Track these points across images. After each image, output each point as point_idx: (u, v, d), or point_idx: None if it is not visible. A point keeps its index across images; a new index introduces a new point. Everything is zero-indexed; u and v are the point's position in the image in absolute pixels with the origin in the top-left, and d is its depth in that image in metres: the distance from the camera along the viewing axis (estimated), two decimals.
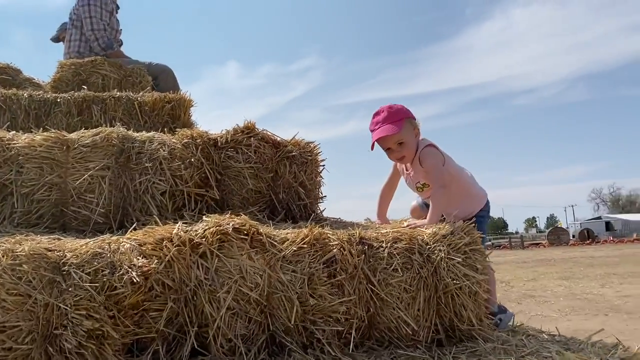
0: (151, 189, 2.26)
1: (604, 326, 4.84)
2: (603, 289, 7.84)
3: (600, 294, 7.32)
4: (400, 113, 2.51)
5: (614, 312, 5.57)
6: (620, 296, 6.95)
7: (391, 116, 2.48)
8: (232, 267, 1.83)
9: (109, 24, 4.46)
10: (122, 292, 1.63)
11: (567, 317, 5.29)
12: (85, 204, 2.21)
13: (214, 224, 1.89)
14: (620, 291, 7.53)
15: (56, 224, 2.20)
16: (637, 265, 12.53)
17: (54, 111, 3.11)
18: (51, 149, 2.23)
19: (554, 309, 5.81)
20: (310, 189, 2.49)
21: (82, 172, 2.22)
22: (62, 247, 1.71)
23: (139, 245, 1.79)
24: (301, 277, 1.86)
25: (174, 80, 4.42)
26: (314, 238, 1.92)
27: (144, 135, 2.40)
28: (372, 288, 1.92)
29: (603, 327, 4.79)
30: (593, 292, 7.46)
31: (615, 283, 8.67)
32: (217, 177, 2.36)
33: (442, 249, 2.00)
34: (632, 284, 8.39)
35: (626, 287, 7.97)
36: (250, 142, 2.41)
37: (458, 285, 1.95)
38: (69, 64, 3.85)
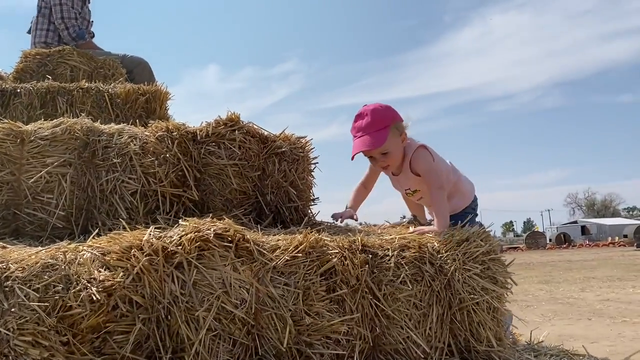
0: (120, 189, 1.96)
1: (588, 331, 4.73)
2: (583, 293, 7.77)
3: (581, 297, 7.24)
4: (385, 119, 2.23)
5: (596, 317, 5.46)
6: (601, 300, 6.86)
7: (375, 124, 2.21)
8: (214, 280, 1.54)
9: (80, 13, 4.13)
10: (79, 312, 1.33)
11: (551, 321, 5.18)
12: (42, 206, 1.90)
13: (192, 229, 1.60)
14: (600, 295, 7.46)
15: (7, 229, 1.88)
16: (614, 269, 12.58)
17: (14, 103, 2.78)
18: (3, 142, 1.92)
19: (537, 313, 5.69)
20: (302, 189, 2.21)
21: (38, 168, 1.91)
22: (5, 257, 1.41)
23: (102, 254, 1.49)
24: (295, 292, 1.59)
25: (150, 73, 4.11)
26: (309, 246, 1.64)
27: (112, 128, 2.09)
28: (377, 304, 1.65)
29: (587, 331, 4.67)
30: (574, 296, 7.38)
31: (595, 287, 8.63)
32: (195, 175, 2.07)
33: (456, 258, 1.74)
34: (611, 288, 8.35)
35: (605, 291, 7.91)
36: (234, 136, 2.12)
37: (475, 300, 1.69)
38: (34, 54, 3.51)
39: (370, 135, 2.19)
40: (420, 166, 2.29)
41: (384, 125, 2.22)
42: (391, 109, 2.30)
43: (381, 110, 2.26)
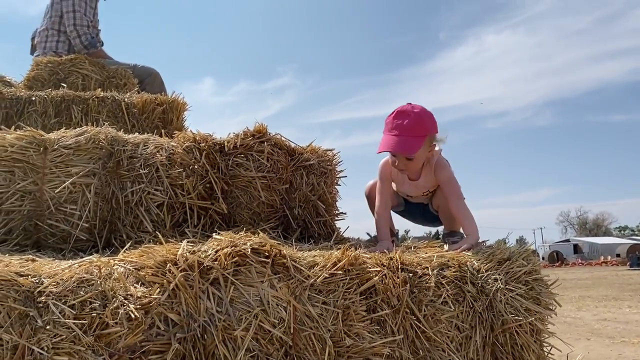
0: (146, 201, 1.89)
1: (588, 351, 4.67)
2: (580, 312, 7.73)
3: (578, 317, 7.19)
4: (425, 128, 2.21)
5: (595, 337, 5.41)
6: (599, 320, 6.82)
7: (415, 129, 2.18)
8: (251, 297, 1.47)
9: (92, 22, 4.08)
10: (117, 330, 1.26)
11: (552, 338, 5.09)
12: (65, 217, 1.82)
13: (228, 243, 1.53)
14: (597, 314, 7.42)
15: (28, 241, 1.81)
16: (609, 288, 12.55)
17: (28, 111, 2.72)
18: (25, 151, 1.85)
19: None
20: (330, 203, 2.15)
21: (62, 178, 1.83)
22: (37, 271, 1.33)
23: (136, 269, 1.42)
24: (334, 311, 1.52)
25: (161, 84, 4.06)
26: (348, 263, 1.58)
27: (137, 137, 2.03)
28: (418, 325, 1.58)
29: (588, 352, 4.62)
30: (571, 316, 7.33)
31: (591, 306, 8.59)
32: (223, 187, 2.00)
33: (498, 278, 1.68)
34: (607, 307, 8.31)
35: (602, 310, 7.88)
36: (262, 148, 2.06)
37: (519, 322, 1.63)
38: (46, 62, 3.45)
39: (407, 139, 2.16)
40: (444, 174, 2.31)
41: (423, 133, 2.19)
42: (433, 118, 2.28)
43: (425, 117, 2.24)
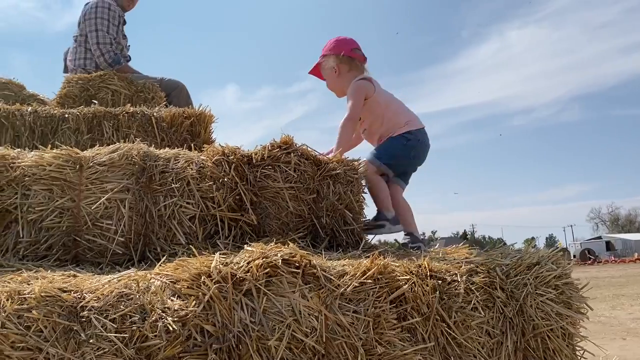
0: (178, 214, 1.95)
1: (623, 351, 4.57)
2: (615, 311, 7.56)
3: (612, 316, 7.03)
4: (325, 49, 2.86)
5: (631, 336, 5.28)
6: (634, 319, 6.66)
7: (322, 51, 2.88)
8: (283, 307, 1.51)
9: (115, 39, 4.19)
10: (156, 343, 1.30)
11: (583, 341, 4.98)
12: (102, 232, 1.89)
13: (259, 254, 1.57)
14: (633, 313, 7.25)
15: (68, 256, 1.88)
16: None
17: (62, 128, 2.81)
18: (62, 169, 1.92)
19: None
20: (357, 211, 2.17)
21: (97, 194, 1.90)
22: (79, 286, 1.39)
23: (172, 282, 1.47)
24: (365, 320, 1.54)
25: (187, 96, 4.14)
26: (378, 271, 1.60)
27: (168, 152, 2.09)
28: (448, 332, 1.60)
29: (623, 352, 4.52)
30: (605, 315, 7.17)
31: (625, 305, 8.39)
32: (252, 199, 2.05)
33: (527, 282, 1.69)
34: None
35: (637, 309, 7.69)
36: (289, 159, 2.10)
37: (550, 327, 1.63)
38: (76, 79, 3.56)
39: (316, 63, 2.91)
40: (349, 94, 2.71)
41: (322, 54, 2.86)
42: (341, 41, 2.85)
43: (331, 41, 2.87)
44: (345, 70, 2.80)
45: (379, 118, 2.73)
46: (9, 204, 1.86)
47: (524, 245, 2.03)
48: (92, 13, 4.05)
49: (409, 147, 2.63)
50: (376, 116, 2.73)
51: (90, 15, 4.06)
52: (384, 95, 2.76)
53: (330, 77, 2.85)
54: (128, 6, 4.38)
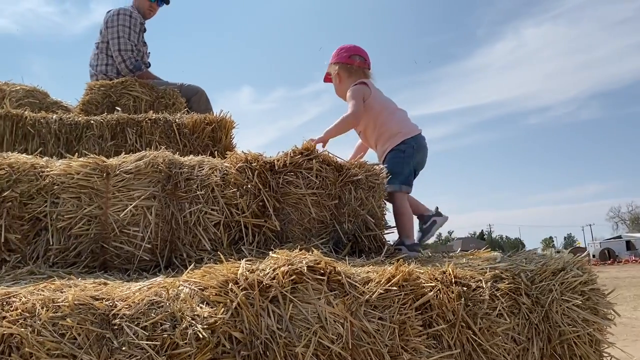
0: (203, 220, 1.97)
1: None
2: (636, 312, 7.44)
3: (634, 317, 6.91)
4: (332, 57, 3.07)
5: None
6: None
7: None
8: (309, 314, 1.52)
9: (136, 46, 4.25)
10: (187, 350, 1.33)
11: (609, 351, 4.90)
12: (129, 239, 1.92)
13: (284, 261, 1.59)
14: None
15: (96, 262, 1.92)
16: None
17: (86, 135, 2.86)
18: (90, 177, 1.96)
19: None
20: (379, 217, 2.18)
21: (124, 202, 1.94)
22: (110, 294, 1.42)
23: (201, 289, 1.49)
24: (390, 326, 1.55)
25: (207, 101, 4.19)
26: (403, 278, 1.61)
27: (192, 160, 2.12)
28: (474, 338, 1.60)
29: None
30: (627, 316, 7.05)
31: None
32: (275, 205, 2.07)
33: (553, 288, 1.68)
34: None
35: None
36: (311, 165, 2.11)
37: (577, 333, 1.63)
38: (98, 86, 3.61)
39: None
40: (349, 97, 2.83)
41: (330, 61, 3.07)
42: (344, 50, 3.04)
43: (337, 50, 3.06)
44: (345, 77, 2.99)
45: (371, 122, 2.84)
46: (39, 212, 1.91)
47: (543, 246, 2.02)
48: (114, 21, 4.11)
49: (407, 157, 2.69)
50: (370, 119, 2.85)
51: (112, 23, 4.13)
52: (379, 100, 2.86)
53: (335, 84, 3.04)
54: (149, 14, 4.44)
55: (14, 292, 1.39)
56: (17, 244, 1.87)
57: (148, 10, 4.41)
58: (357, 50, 3.05)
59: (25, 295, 1.37)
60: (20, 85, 3.65)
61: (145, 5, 4.38)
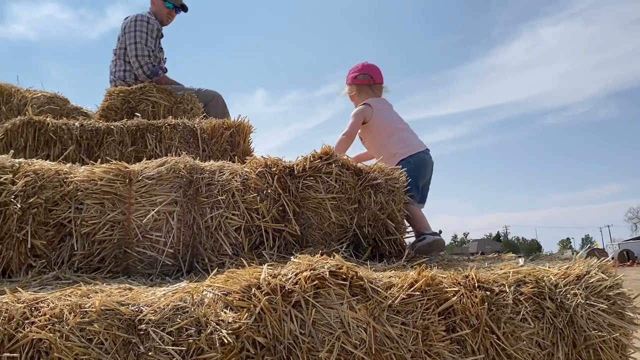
0: (224, 225, 1.99)
1: None
2: None
3: None
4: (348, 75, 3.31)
5: None
6: None
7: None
8: (332, 319, 1.52)
9: (153, 51, 4.29)
10: (212, 355, 1.34)
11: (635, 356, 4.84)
12: (152, 244, 1.94)
13: (306, 266, 1.59)
14: None
15: (119, 267, 1.94)
16: None
17: (107, 141, 2.90)
18: (112, 183, 1.98)
19: None
20: (399, 221, 2.18)
21: (147, 207, 1.96)
22: (136, 299, 1.44)
23: (224, 294, 1.50)
24: (413, 332, 1.55)
25: (224, 106, 4.22)
26: (425, 283, 1.60)
27: (213, 165, 2.14)
28: (498, 343, 1.59)
29: None
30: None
31: None
32: (295, 209, 2.07)
33: (578, 292, 1.66)
34: None
35: None
36: (330, 170, 2.12)
37: (602, 338, 1.61)
38: (117, 92, 3.66)
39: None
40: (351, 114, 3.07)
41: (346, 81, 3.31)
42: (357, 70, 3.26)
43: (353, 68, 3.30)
44: (356, 96, 3.23)
45: (373, 142, 3.13)
46: (64, 218, 1.93)
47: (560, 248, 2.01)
48: (132, 27, 4.16)
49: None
50: (372, 140, 3.13)
51: (129, 29, 4.17)
52: (381, 121, 3.05)
53: (352, 102, 3.27)
54: (167, 21, 4.48)
55: (41, 298, 1.41)
56: (42, 250, 1.90)
57: (166, 17, 4.45)
58: (365, 69, 3.27)
59: (52, 300, 1.40)
60: (42, 92, 3.70)
61: (163, 12, 4.42)
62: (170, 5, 4.43)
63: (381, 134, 3.05)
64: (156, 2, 4.43)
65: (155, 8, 4.43)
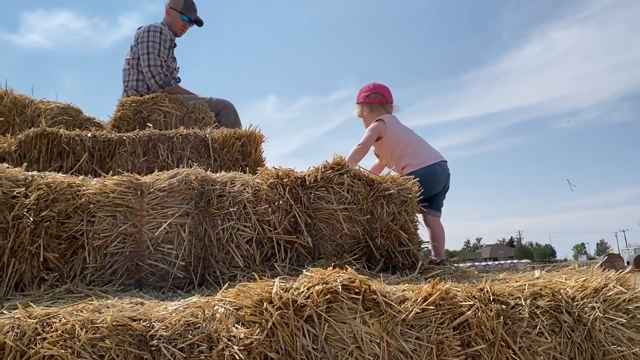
0: (236, 237, 1.98)
1: None
2: None
3: None
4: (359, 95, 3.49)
5: None
6: None
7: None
8: (345, 334, 1.50)
9: (166, 61, 4.31)
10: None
11: None
12: (163, 257, 1.94)
13: (319, 280, 1.57)
14: None
15: (131, 280, 1.93)
16: None
17: (119, 151, 2.90)
18: (124, 195, 1.98)
19: None
20: (412, 232, 2.15)
21: (158, 220, 1.95)
22: (147, 315, 1.43)
23: (236, 309, 1.49)
24: (428, 347, 1.52)
25: (236, 115, 4.22)
26: (440, 297, 1.58)
27: (224, 176, 2.13)
28: (514, 358, 1.55)
29: None
30: None
31: None
32: (307, 220, 2.06)
33: (596, 306, 1.63)
34: None
35: None
36: (342, 180, 2.10)
37: (622, 353, 1.57)
38: (130, 102, 3.67)
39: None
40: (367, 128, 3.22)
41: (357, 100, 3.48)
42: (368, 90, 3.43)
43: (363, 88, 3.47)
44: (368, 114, 3.40)
45: (388, 155, 3.28)
46: (76, 231, 1.93)
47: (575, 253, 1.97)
48: (145, 37, 4.18)
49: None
50: (387, 154, 3.29)
51: (142, 39, 4.20)
52: (395, 136, 3.21)
53: (364, 121, 3.44)
54: (181, 33, 4.51)
55: (53, 313, 1.41)
56: (55, 263, 1.90)
57: (181, 29, 4.47)
58: (376, 88, 3.45)
59: (64, 316, 1.39)
60: (55, 103, 3.72)
61: (178, 25, 4.44)
62: (186, 19, 4.45)
63: (397, 148, 3.18)
64: (171, 13, 4.45)
65: (170, 19, 4.46)
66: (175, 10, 4.45)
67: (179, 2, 4.46)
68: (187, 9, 4.46)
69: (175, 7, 4.45)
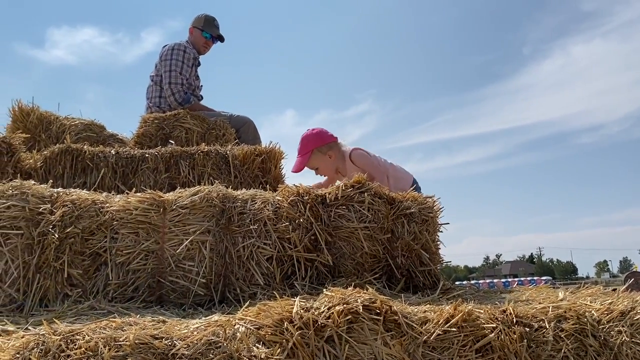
0: (256, 255, 1.98)
1: None
2: None
3: None
4: (307, 146, 3.23)
5: None
6: None
7: (301, 149, 3.24)
8: (366, 355, 1.49)
9: (187, 80, 4.38)
10: None
11: None
12: (184, 274, 1.95)
13: (339, 300, 1.57)
14: None
15: (152, 297, 1.95)
16: None
17: (141, 168, 2.95)
18: (147, 212, 2.01)
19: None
20: (434, 251, 2.14)
21: (180, 237, 1.97)
22: (169, 333, 1.44)
23: (256, 328, 1.49)
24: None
25: (255, 131, 4.26)
26: (462, 319, 1.56)
27: (245, 193, 2.15)
28: None
29: None
30: None
31: None
32: (327, 239, 2.06)
33: (622, 330, 1.59)
34: None
35: None
36: (362, 198, 2.10)
37: None
38: (152, 119, 3.74)
39: (298, 160, 3.22)
40: (359, 161, 3.18)
41: (307, 151, 3.21)
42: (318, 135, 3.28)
43: (307, 137, 3.28)
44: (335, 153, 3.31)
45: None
46: (99, 248, 1.96)
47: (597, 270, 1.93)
48: (168, 55, 4.27)
49: None
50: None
51: (166, 57, 4.29)
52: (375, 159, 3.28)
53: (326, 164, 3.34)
54: (204, 50, 4.60)
55: (77, 330, 1.43)
56: (78, 279, 1.92)
57: (203, 46, 4.57)
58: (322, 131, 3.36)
59: (88, 333, 1.40)
60: (79, 119, 3.80)
61: (201, 42, 4.54)
62: (207, 35, 4.55)
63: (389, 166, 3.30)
64: (194, 32, 4.56)
65: (193, 38, 4.56)
66: (197, 29, 4.54)
67: (200, 20, 4.56)
68: (208, 26, 4.55)
69: (197, 26, 4.55)
